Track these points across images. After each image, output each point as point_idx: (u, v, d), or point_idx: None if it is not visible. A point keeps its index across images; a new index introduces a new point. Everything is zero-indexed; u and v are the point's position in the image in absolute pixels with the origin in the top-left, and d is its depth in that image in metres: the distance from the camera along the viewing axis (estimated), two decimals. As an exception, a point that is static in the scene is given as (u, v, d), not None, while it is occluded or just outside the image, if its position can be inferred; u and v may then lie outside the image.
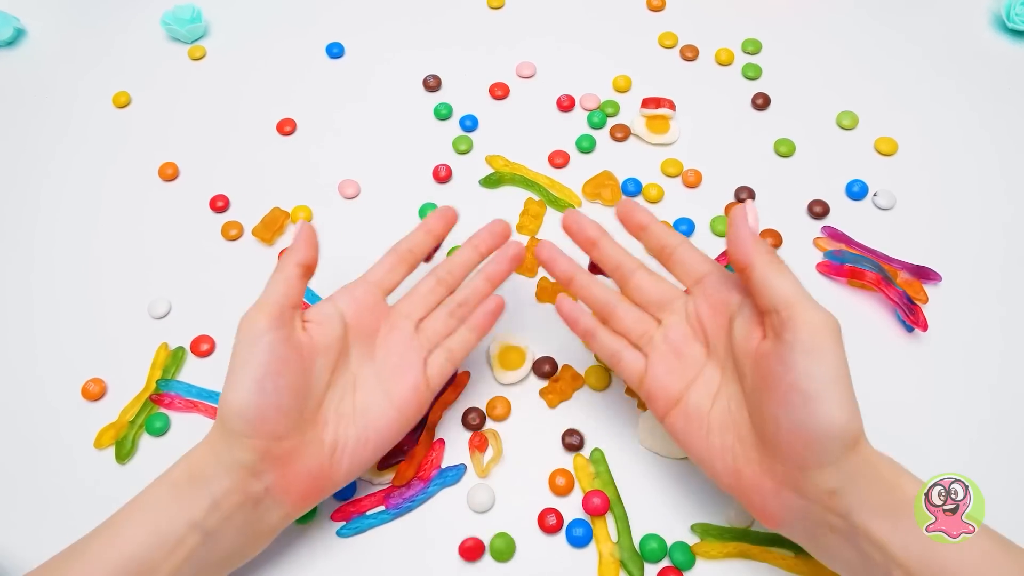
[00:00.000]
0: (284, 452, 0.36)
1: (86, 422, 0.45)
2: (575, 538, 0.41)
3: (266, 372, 0.35)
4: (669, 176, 0.53)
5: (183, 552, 0.34)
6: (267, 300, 0.37)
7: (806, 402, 0.32)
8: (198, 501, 0.35)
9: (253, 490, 0.35)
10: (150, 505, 0.35)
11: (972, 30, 0.59)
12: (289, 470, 0.36)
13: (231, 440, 0.35)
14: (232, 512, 0.35)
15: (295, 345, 0.37)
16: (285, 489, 0.36)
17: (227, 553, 0.36)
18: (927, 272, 0.48)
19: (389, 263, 0.42)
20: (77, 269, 0.51)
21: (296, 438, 0.36)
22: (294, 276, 0.38)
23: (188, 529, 0.34)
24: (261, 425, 0.35)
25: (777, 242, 0.50)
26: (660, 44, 0.60)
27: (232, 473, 0.35)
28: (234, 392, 0.35)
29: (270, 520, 0.37)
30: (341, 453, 0.38)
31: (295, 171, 0.55)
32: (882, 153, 0.54)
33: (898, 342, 0.47)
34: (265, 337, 0.36)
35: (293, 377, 0.36)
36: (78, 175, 0.55)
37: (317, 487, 0.38)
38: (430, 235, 0.43)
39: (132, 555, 0.34)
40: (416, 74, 0.59)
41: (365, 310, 0.40)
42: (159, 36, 0.62)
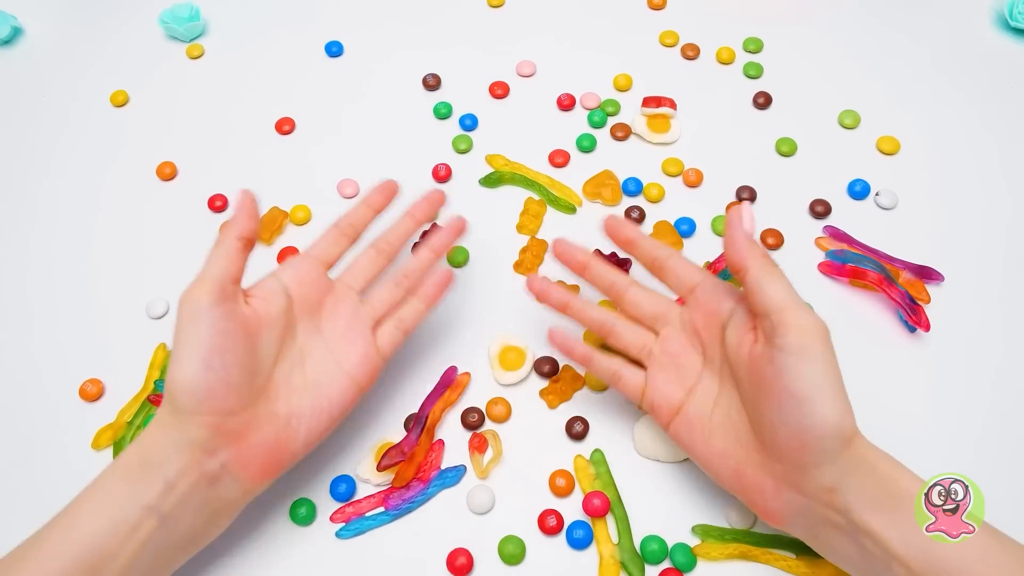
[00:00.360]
0: (237, 427, 0.36)
1: (84, 423, 0.45)
2: (575, 540, 0.41)
3: (211, 348, 0.35)
4: (670, 175, 0.53)
5: (140, 538, 0.34)
6: (208, 275, 0.36)
7: (799, 404, 0.33)
8: (151, 484, 0.34)
9: (208, 468, 0.35)
10: (102, 492, 0.35)
11: (974, 29, 0.59)
12: (244, 444, 0.36)
13: (181, 418, 0.35)
14: (187, 493, 0.35)
15: (239, 320, 0.36)
16: (243, 464, 0.36)
17: (186, 535, 0.36)
18: (929, 272, 0.48)
19: (331, 237, 0.43)
20: (75, 269, 0.51)
21: (248, 412, 0.36)
22: (234, 249, 0.38)
23: (143, 514, 0.34)
24: (210, 401, 0.35)
25: (778, 242, 0.50)
26: (661, 43, 0.60)
27: (185, 452, 0.35)
28: (180, 370, 0.35)
29: (229, 497, 0.37)
30: (297, 423, 0.38)
31: (294, 170, 0.55)
32: (884, 152, 0.54)
33: (900, 342, 0.47)
34: (208, 313, 0.35)
35: (240, 352, 0.36)
36: (76, 174, 0.55)
37: (275, 460, 0.37)
38: (371, 209, 0.44)
39: (87, 545, 0.33)
40: (416, 73, 0.59)
41: (308, 283, 0.41)
42: (157, 35, 0.62)
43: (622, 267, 0.49)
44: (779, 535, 0.41)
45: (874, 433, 0.44)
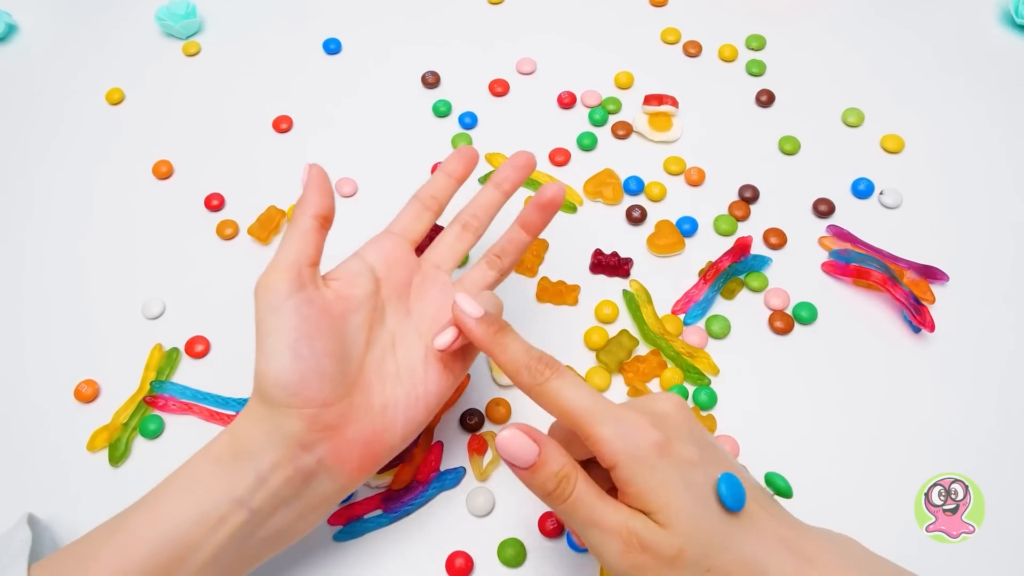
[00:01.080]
0: (333, 419, 0.34)
1: (79, 424, 0.45)
2: (577, 543, 0.41)
3: (298, 336, 0.33)
4: (672, 174, 0.53)
5: (227, 530, 0.33)
6: (283, 260, 0.34)
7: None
8: (243, 476, 0.33)
9: (304, 464, 0.34)
10: (192, 480, 0.34)
11: (980, 26, 0.59)
12: (341, 438, 0.34)
13: (275, 411, 0.33)
14: (279, 488, 0.33)
15: (322, 305, 0.35)
16: (340, 459, 0.34)
17: (274, 531, 0.34)
18: (934, 272, 0.48)
19: (413, 211, 0.40)
20: (70, 268, 0.51)
21: (343, 403, 0.34)
22: (310, 230, 0.36)
23: (232, 506, 0.33)
24: (305, 392, 0.33)
25: (781, 241, 0.50)
26: (663, 40, 0.60)
27: (280, 446, 0.33)
28: (268, 361, 0.33)
29: (323, 493, 0.35)
30: (394, 413, 0.36)
31: (291, 169, 0.55)
32: (888, 151, 0.54)
33: (904, 343, 0.47)
34: (289, 301, 0.33)
35: (328, 339, 0.34)
36: (70, 173, 0.55)
37: (373, 453, 0.35)
38: (451, 178, 0.41)
39: (173, 533, 0.32)
40: (414, 70, 0.58)
41: (394, 262, 0.38)
42: (153, 32, 0.62)
43: (621, 268, 0.49)
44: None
45: (877, 437, 0.44)
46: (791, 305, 0.48)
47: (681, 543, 0.29)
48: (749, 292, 0.49)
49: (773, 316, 0.47)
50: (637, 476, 0.30)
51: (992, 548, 0.30)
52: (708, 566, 0.30)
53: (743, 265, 0.49)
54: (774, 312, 0.48)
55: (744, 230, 0.51)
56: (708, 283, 0.48)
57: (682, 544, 0.29)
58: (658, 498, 0.30)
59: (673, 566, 0.30)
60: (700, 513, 0.30)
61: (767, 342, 0.47)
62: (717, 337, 0.47)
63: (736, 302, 0.48)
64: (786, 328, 0.47)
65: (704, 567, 0.30)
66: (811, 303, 0.48)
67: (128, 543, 0.32)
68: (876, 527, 0.38)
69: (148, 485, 0.43)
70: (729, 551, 0.30)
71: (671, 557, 0.29)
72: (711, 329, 0.47)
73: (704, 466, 0.31)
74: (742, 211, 0.51)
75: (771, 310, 0.48)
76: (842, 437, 0.44)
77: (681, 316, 0.48)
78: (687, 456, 0.31)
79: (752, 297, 0.49)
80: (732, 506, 0.31)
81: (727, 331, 0.47)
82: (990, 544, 0.31)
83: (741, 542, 0.30)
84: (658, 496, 0.30)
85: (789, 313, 0.48)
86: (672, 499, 0.30)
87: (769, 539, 0.31)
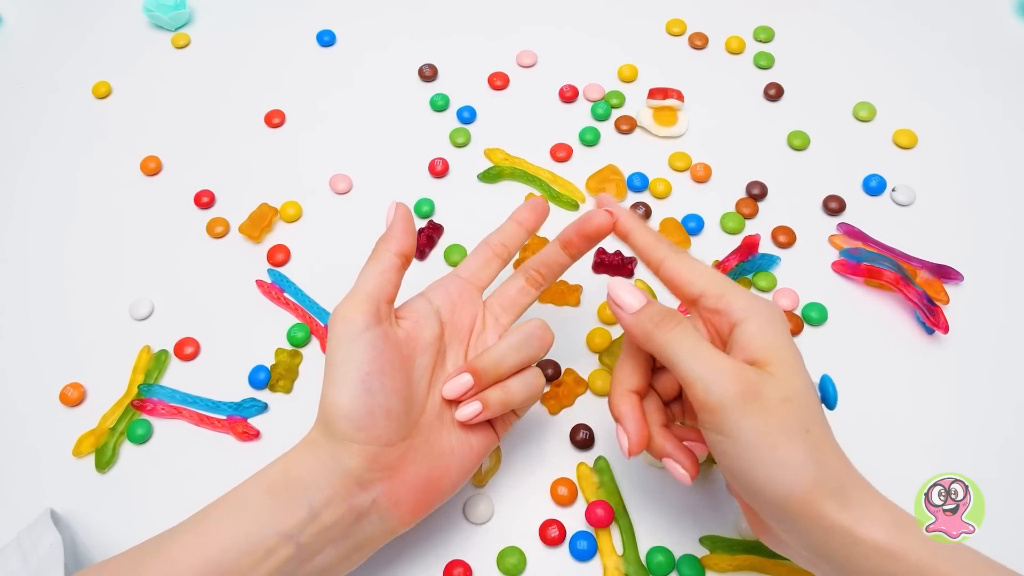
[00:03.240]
0: (392, 460, 0.34)
1: (64, 429, 0.45)
2: (579, 551, 0.41)
3: (370, 371, 0.34)
4: (677, 170, 0.53)
5: (272, 564, 0.33)
6: (363, 292, 0.35)
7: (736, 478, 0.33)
8: (295, 510, 0.33)
9: (358, 502, 0.34)
10: (240, 508, 0.34)
11: (995, 17, 0.59)
12: (398, 480, 0.35)
13: (337, 446, 0.34)
14: (330, 525, 0.33)
15: (394, 343, 0.35)
16: (394, 501, 0.35)
17: (318, 569, 0.34)
18: (948, 271, 0.48)
19: (482, 257, 0.41)
20: (55, 268, 0.51)
21: (404, 444, 0.35)
22: (392, 267, 0.37)
23: (280, 540, 0.33)
24: (370, 429, 0.34)
25: (791, 240, 0.50)
26: (668, 31, 0.60)
27: (336, 482, 0.33)
28: (339, 392, 0.34)
29: (372, 534, 0.35)
30: (449, 460, 0.36)
31: (284, 165, 0.55)
32: (901, 146, 0.54)
33: (918, 345, 0.47)
34: (366, 334, 0.34)
35: (398, 377, 0.35)
36: (55, 169, 0.55)
37: (426, 499, 0.36)
38: (522, 228, 0.41)
39: (217, 560, 0.32)
40: (411, 63, 0.59)
41: (460, 307, 0.39)
42: (141, 23, 0.62)
43: (625, 267, 0.49)
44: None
45: (889, 442, 0.44)
46: (800, 306, 0.48)
47: (790, 393, 0.32)
48: (757, 292, 0.49)
49: (782, 317, 0.47)
50: (766, 329, 0.33)
51: (992, 548, 0.31)
52: (808, 426, 0.32)
53: (751, 264, 0.49)
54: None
55: (752, 228, 0.51)
56: (715, 283, 0.48)
57: (790, 395, 0.32)
58: (783, 353, 0.33)
59: (783, 408, 0.32)
60: (809, 386, 0.33)
61: (776, 344, 0.47)
62: (724, 339, 0.47)
63: (744, 302, 0.48)
64: (795, 329, 0.47)
65: (805, 424, 0.32)
66: (821, 304, 0.48)
67: (171, 567, 0.32)
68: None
69: (136, 491, 0.43)
70: (825, 430, 0.33)
71: (781, 400, 0.32)
72: (718, 330, 0.47)
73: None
74: (750, 208, 0.51)
75: (780, 311, 0.48)
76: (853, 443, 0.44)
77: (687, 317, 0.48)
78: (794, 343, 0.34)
79: (760, 297, 0.49)
80: (830, 401, 0.35)
81: (734, 332, 0.47)
82: (990, 544, 0.31)
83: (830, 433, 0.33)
84: (784, 352, 0.33)
85: (798, 314, 0.48)
86: (793, 359, 0.33)
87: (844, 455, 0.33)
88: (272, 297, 0.49)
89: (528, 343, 0.37)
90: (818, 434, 0.32)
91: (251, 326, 0.48)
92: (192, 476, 0.44)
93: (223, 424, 0.45)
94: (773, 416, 0.31)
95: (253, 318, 0.49)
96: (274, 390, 0.46)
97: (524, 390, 0.37)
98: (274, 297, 0.49)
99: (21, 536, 0.37)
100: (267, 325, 0.48)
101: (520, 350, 0.37)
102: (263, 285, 0.50)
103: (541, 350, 0.38)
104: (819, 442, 0.32)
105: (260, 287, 0.50)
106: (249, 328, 0.48)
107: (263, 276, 0.50)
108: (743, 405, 0.31)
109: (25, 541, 0.37)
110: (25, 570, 0.35)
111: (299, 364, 0.47)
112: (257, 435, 0.45)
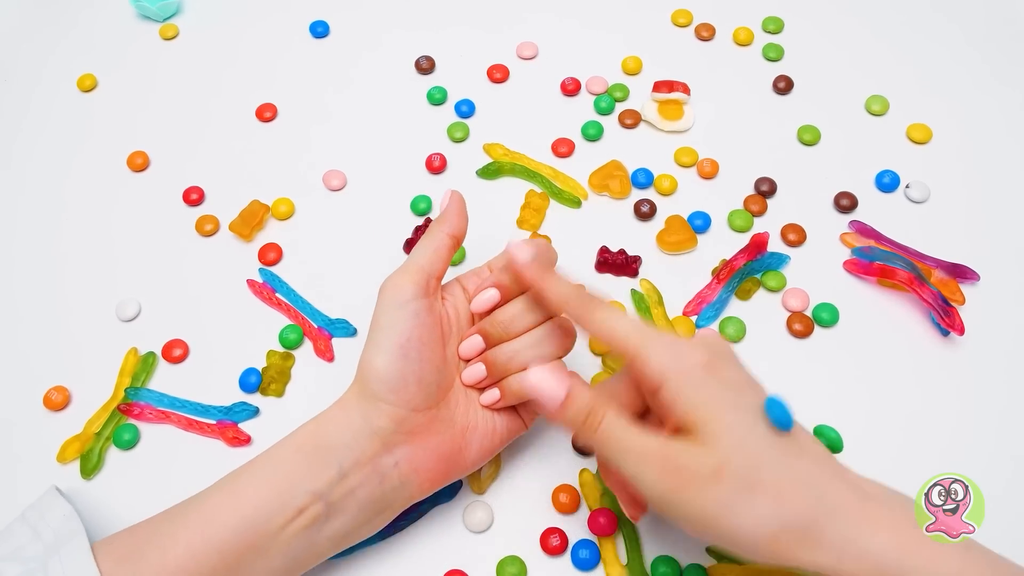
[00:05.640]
0: (417, 426, 0.37)
1: (48, 434, 0.45)
2: (581, 560, 0.41)
3: (410, 338, 0.37)
4: (683, 166, 0.53)
5: (302, 522, 0.35)
6: (415, 266, 0.38)
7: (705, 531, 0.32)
8: (325, 469, 0.36)
9: (382, 465, 0.37)
10: (273, 468, 0.36)
11: (1012, 8, 0.59)
12: (420, 447, 0.37)
13: (368, 405, 0.37)
14: (357, 486, 0.36)
15: (436, 316, 0.39)
16: (415, 467, 0.37)
17: (342, 530, 0.37)
18: (964, 271, 0.48)
19: None
20: (38, 267, 0.51)
21: (430, 413, 0.38)
22: (444, 246, 0.39)
23: (311, 498, 0.35)
24: (402, 391, 0.36)
25: (801, 238, 0.50)
26: (673, 22, 0.60)
27: (364, 442, 0.36)
28: (378, 354, 0.37)
29: (392, 500, 0.38)
30: (471, 436, 0.39)
31: (276, 161, 0.55)
32: (915, 141, 0.54)
33: (932, 347, 0.47)
34: (412, 303, 0.37)
35: (433, 348, 0.38)
36: (40, 165, 0.55)
37: (445, 470, 0.39)
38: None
39: (252, 518, 0.35)
40: (407, 55, 0.59)
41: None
42: (128, 14, 0.62)
43: (629, 266, 0.49)
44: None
45: (904, 444, 0.44)
46: (811, 306, 0.48)
47: (721, 460, 0.31)
48: (766, 292, 0.49)
49: (792, 318, 0.47)
50: (683, 392, 0.33)
51: (992, 548, 0.31)
52: (754, 482, 0.31)
53: (759, 263, 0.49)
54: (793, 314, 0.48)
55: (760, 226, 0.51)
56: (722, 283, 0.48)
57: (722, 461, 0.31)
58: (705, 413, 0.32)
59: (715, 483, 0.31)
60: (747, 430, 0.32)
61: (785, 346, 0.47)
62: (732, 340, 0.47)
63: (752, 303, 0.48)
64: (805, 331, 0.47)
65: (749, 483, 0.31)
66: (832, 304, 0.48)
67: (206, 525, 0.35)
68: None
69: (122, 498, 0.43)
70: (779, 469, 0.31)
71: (711, 474, 0.31)
72: (725, 332, 0.47)
73: (751, 388, 0.34)
74: (758, 206, 0.51)
75: (789, 312, 0.48)
76: (866, 446, 0.44)
77: (693, 318, 0.48)
78: (734, 377, 0.34)
79: (769, 298, 0.49)
80: (781, 422, 0.32)
81: (742, 334, 0.47)
82: (990, 545, 0.32)
83: (793, 463, 0.32)
84: (705, 411, 0.32)
85: (809, 315, 0.48)
86: (718, 414, 0.32)
87: (824, 466, 0.32)
88: (263, 297, 0.49)
89: (547, 341, 0.39)
90: (772, 478, 0.31)
91: (242, 327, 0.48)
92: (180, 483, 0.44)
93: (213, 429, 0.45)
94: (711, 493, 0.31)
95: (244, 319, 0.49)
96: (265, 394, 0.46)
97: None
98: (265, 297, 0.49)
99: (27, 512, 0.38)
100: (258, 326, 0.48)
101: (535, 348, 0.39)
102: (254, 285, 0.50)
103: (561, 350, 0.39)
104: (775, 488, 0.31)
105: (251, 287, 0.50)
106: (240, 330, 0.48)
107: (254, 276, 0.50)
108: (678, 494, 0.32)
109: (31, 515, 0.38)
110: (37, 543, 0.36)
111: (291, 367, 0.47)
112: (248, 440, 0.45)
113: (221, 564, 0.34)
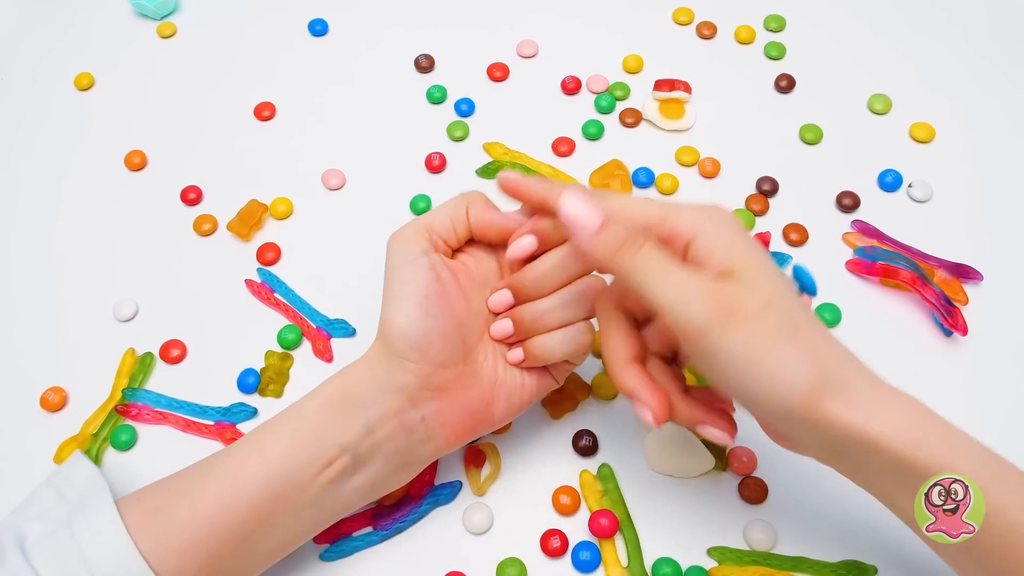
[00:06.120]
0: (444, 381, 0.37)
1: (45, 435, 0.45)
2: (581, 562, 0.41)
3: (428, 293, 0.36)
4: (684, 165, 0.53)
5: (329, 475, 0.36)
6: (424, 222, 0.38)
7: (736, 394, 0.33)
8: (351, 423, 0.36)
9: (409, 419, 0.37)
10: (299, 423, 0.37)
11: (1016, 6, 0.59)
12: (447, 402, 0.38)
13: (392, 363, 0.36)
14: (384, 440, 0.37)
15: (453, 270, 0.38)
16: (442, 422, 0.38)
17: (368, 483, 0.37)
18: (967, 271, 0.48)
19: None
20: (35, 267, 0.51)
21: (457, 368, 0.38)
22: (459, 214, 0.39)
23: (338, 452, 0.36)
24: (426, 348, 0.36)
25: (803, 238, 0.50)
26: (674, 20, 0.60)
27: (390, 398, 0.36)
28: (397, 312, 0.36)
29: (418, 454, 0.38)
30: (499, 391, 0.39)
31: (274, 160, 0.55)
32: (918, 140, 0.54)
33: (935, 347, 0.47)
34: (424, 258, 0.37)
35: (455, 303, 0.38)
36: (36, 164, 0.55)
37: (472, 424, 0.39)
38: None
39: (280, 473, 0.36)
40: (407, 53, 0.58)
41: None
42: (125, 12, 0.62)
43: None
44: (802, 558, 0.41)
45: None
46: (813, 307, 0.48)
47: (769, 297, 0.31)
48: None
49: (793, 318, 0.47)
50: (722, 236, 0.33)
51: None
52: (795, 326, 0.31)
53: (761, 263, 0.49)
54: (794, 314, 0.48)
55: (762, 225, 0.51)
56: (723, 283, 0.48)
57: (770, 298, 0.31)
58: (747, 257, 0.32)
59: (762, 318, 0.31)
60: (784, 284, 0.32)
61: (787, 346, 0.47)
62: (733, 341, 0.47)
63: (753, 303, 0.48)
64: (807, 331, 0.47)
65: (793, 327, 0.31)
66: (834, 304, 0.48)
67: (235, 479, 0.36)
68: (910, 543, 0.38)
69: (120, 500, 0.43)
70: (812, 326, 0.32)
71: (760, 308, 0.31)
72: (727, 332, 0.47)
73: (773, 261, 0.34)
74: (760, 205, 0.51)
75: (791, 312, 0.48)
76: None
77: (694, 318, 0.48)
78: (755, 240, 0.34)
79: (771, 298, 0.49)
80: (808, 288, 0.34)
81: (744, 334, 0.47)
82: None
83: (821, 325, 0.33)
84: (747, 256, 0.32)
85: (811, 315, 0.48)
86: (760, 261, 0.32)
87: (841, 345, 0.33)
88: (262, 297, 0.49)
89: (577, 303, 0.38)
90: (808, 330, 0.32)
91: (240, 328, 0.48)
92: (178, 484, 0.44)
93: (211, 430, 0.45)
94: (756, 327, 0.31)
95: (242, 319, 0.49)
96: (264, 394, 0.46)
97: (564, 346, 0.38)
98: (264, 297, 0.49)
99: (52, 476, 0.38)
100: (257, 327, 0.48)
101: (563, 309, 0.38)
102: (252, 285, 0.50)
103: (590, 313, 0.38)
104: (811, 339, 0.32)
105: (249, 287, 0.50)
106: (238, 330, 0.48)
107: (252, 276, 0.50)
108: (722, 325, 0.31)
109: (56, 478, 0.38)
110: (63, 504, 0.36)
111: (290, 367, 0.47)
112: (246, 441, 0.45)
113: (251, 515, 0.35)
